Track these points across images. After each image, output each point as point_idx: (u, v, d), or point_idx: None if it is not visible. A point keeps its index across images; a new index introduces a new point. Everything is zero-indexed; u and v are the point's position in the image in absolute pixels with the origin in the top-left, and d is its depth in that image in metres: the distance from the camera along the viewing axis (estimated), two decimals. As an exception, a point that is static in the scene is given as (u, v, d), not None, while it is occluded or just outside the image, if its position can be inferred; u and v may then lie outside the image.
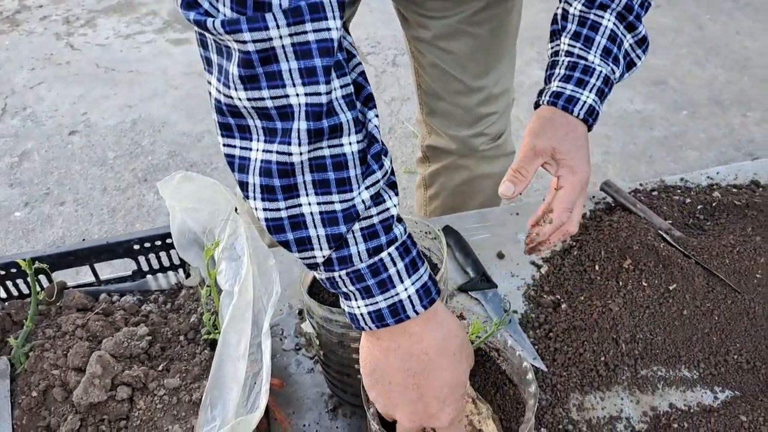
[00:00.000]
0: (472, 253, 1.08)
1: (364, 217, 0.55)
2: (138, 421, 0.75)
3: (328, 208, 0.54)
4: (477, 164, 1.39)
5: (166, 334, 0.84)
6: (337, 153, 0.53)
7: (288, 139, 0.51)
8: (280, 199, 0.53)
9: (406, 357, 0.58)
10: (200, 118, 2.71)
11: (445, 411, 0.60)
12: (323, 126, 0.52)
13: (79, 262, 0.89)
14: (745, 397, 0.85)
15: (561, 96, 0.82)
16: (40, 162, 2.54)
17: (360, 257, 0.55)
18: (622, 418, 0.85)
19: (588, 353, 0.91)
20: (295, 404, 0.91)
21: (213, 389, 0.68)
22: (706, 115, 2.44)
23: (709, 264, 0.95)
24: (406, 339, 0.58)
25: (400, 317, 0.57)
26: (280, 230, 0.55)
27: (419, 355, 0.58)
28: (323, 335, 0.77)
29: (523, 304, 1.01)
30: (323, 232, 0.54)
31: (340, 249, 0.55)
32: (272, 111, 0.51)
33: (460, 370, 0.61)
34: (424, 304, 0.57)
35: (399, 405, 0.60)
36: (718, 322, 0.91)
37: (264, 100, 0.51)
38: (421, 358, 0.58)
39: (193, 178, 0.83)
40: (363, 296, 0.57)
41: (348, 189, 0.53)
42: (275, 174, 0.52)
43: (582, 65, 0.82)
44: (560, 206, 0.80)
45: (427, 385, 0.59)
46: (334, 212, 0.54)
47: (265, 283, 0.77)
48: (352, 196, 0.54)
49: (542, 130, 0.80)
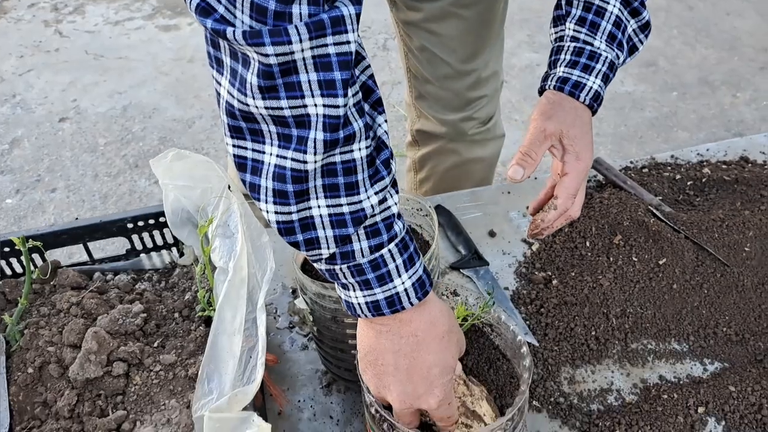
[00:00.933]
0: (463, 231, 1.09)
1: (370, 217, 0.57)
2: (134, 396, 0.75)
3: (337, 210, 0.56)
4: (467, 148, 1.39)
5: (161, 311, 0.85)
6: (347, 159, 0.55)
7: (304, 147, 0.53)
8: (292, 203, 0.55)
9: (395, 339, 0.61)
10: (190, 105, 2.70)
11: (433, 392, 0.62)
12: (339, 137, 0.53)
13: (73, 241, 0.89)
14: (734, 368, 0.87)
15: (568, 81, 0.81)
16: (30, 149, 2.52)
17: (362, 253, 0.58)
18: (612, 390, 0.87)
19: (579, 328, 0.92)
20: (290, 381, 0.91)
21: (209, 363, 0.69)
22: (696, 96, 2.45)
23: (698, 238, 0.96)
24: (396, 323, 0.61)
25: (396, 308, 0.60)
26: (291, 233, 0.57)
27: (408, 337, 0.61)
28: (317, 311, 0.77)
29: (515, 281, 1.02)
30: (331, 233, 0.57)
31: (344, 245, 0.58)
32: (289, 119, 0.53)
33: (449, 354, 0.63)
34: (419, 296, 0.60)
35: (389, 386, 0.62)
36: (708, 296, 0.92)
37: (282, 109, 0.52)
38: (410, 340, 0.61)
39: (185, 156, 0.83)
40: (362, 288, 0.59)
41: (356, 192, 0.56)
42: (289, 180, 0.54)
43: (588, 51, 0.81)
44: (565, 193, 0.80)
45: (415, 366, 0.61)
46: (343, 215, 0.56)
47: (259, 259, 0.78)
48: (360, 199, 0.56)
49: (552, 113, 0.80)
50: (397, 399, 0.62)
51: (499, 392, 0.71)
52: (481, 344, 0.74)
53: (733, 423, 0.80)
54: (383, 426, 0.65)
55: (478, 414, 0.66)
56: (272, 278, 1.04)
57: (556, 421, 0.84)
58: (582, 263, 0.99)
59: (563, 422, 0.83)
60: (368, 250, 0.58)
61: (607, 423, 0.82)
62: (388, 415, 0.62)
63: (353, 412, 0.87)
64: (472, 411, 0.66)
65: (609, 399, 0.86)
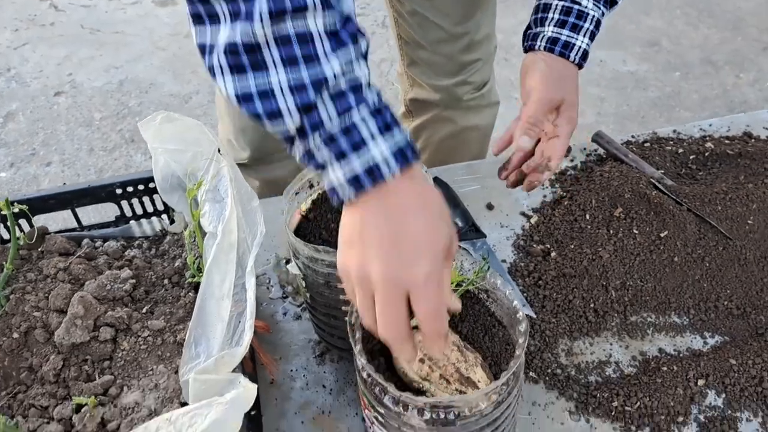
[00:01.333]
0: (461, 204, 1.07)
1: (333, 85, 0.56)
2: (122, 361, 0.74)
3: (296, 76, 0.55)
4: (462, 116, 1.37)
5: (150, 278, 0.83)
6: (301, 30, 0.55)
7: (251, 19, 0.53)
8: (248, 71, 0.55)
9: (380, 210, 0.58)
10: (187, 80, 2.66)
11: (421, 264, 0.56)
12: (285, 6, 0.54)
13: (60, 206, 0.86)
14: (735, 341, 0.85)
15: (557, 42, 0.83)
16: (25, 123, 2.49)
17: (330, 119, 0.56)
18: (611, 362, 0.85)
19: (577, 300, 0.90)
20: (282, 350, 0.90)
21: (197, 327, 0.67)
22: (699, 76, 2.42)
23: (701, 211, 0.94)
24: (381, 195, 0.57)
25: (377, 178, 0.56)
26: (249, 100, 0.56)
27: (395, 206, 0.58)
28: (309, 276, 0.76)
29: (513, 253, 1.00)
30: (292, 101, 0.56)
31: (310, 113, 0.56)
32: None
33: (439, 228, 0.58)
34: (401, 166, 0.57)
35: (373, 260, 0.57)
36: (709, 269, 0.90)
37: None
38: (396, 209, 0.57)
39: (175, 119, 0.81)
40: (338, 159, 0.57)
41: (316, 61, 0.55)
42: (241, 51, 0.55)
43: (576, 10, 0.83)
44: (558, 155, 0.85)
45: (402, 233, 0.57)
46: (302, 80, 0.55)
47: (249, 223, 0.76)
48: (321, 65, 0.55)
49: (556, 82, 0.83)
50: (381, 273, 0.56)
51: (495, 360, 0.69)
52: (476, 311, 0.72)
53: (733, 395, 0.79)
54: (375, 390, 0.63)
55: (472, 380, 0.65)
56: (266, 249, 1.03)
57: (553, 392, 0.82)
58: (581, 236, 0.97)
59: (560, 393, 0.82)
60: (336, 114, 0.56)
61: (605, 394, 0.80)
62: (380, 378, 0.60)
63: (346, 381, 0.85)
64: (467, 377, 0.65)
65: (607, 371, 0.84)
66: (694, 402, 0.79)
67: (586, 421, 0.80)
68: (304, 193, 0.81)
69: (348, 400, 0.83)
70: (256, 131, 1.24)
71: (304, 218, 0.80)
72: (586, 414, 0.80)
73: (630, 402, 0.79)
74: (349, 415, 0.82)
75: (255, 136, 1.25)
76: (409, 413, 0.61)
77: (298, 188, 0.80)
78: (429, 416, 0.61)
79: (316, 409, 0.83)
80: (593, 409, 0.80)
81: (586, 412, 0.80)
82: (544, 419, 0.80)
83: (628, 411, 0.79)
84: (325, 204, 0.81)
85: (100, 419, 0.68)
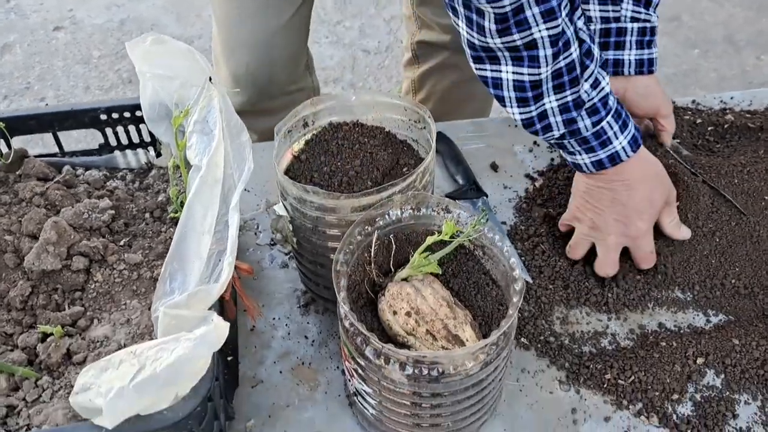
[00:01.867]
0: (463, 161, 1.02)
1: (588, 100, 0.73)
2: (94, 293, 0.70)
3: (563, 101, 0.73)
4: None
5: (131, 210, 0.79)
6: (569, 61, 0.71)
7: (537, 63, 0.70)
8: (531, 104, 0.73)
9: (614, 184, 0.79)
10: (191, 23, 2.58)
11: (642, 218, 0.80)
12: (560, 47, 0.69)
13: (40, 128, 0.82)
14: (740, 321, 0.81)
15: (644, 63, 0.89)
16: (22, 56, 2.42)
17: (586, 129, 0.75)
18: (607, 333, 0.82)
19: (577, 268, 0.86)
20: (266, 298, 0.86)
21: (173, 262, 0.63)
22: (719, 55, 2.34)
23: (716, 183, 0.89)
24: (613, 172, 0.78)
25: (615, 162, 0.77)
26: (532, 125, 0.75)
27: (623, 181, 0.78)
28: (297, 219, 0.71)
29: (514, 215, 0.96)
30: (560, 118, 0.74)
31: (571, 126, 0.75)
32: (520, 46, 0.69)
33: (656, 192, 0.80)
34: (634, 149, 0.77)
35: (607, 217, 0.80)
36: (719, 245, 0.86)
37: (515, 41, 0.68)
38: (624, 184, 0.78)
39: (165, 41, 0.75)
40: (587, 153, 0.77)
41: (576, 84, 0.72)
42: (528, 88, 0.72)
43: (649, 28, 0.88)
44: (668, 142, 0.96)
45: (628, 201, 0.79)
46: (567, 103, 0.73)
47: (237, 159, 0.71)
48: (578, 89, 0.73)
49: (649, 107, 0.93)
50: (613, 224, 0.80)
51: (486, 319, 0.65)
52: (470, 267, 0.68)
53: (733, 377, 0.75)
54: (356, 340, 0.59)
55: (460, 338, 0.61)
56: (256, 194, 0.98)
57: (544, 360, 0.79)
58: (587, 202, 0.92)
59: (551, 362, 0.79)
60: (591, 126, 0.74)
61: (598, 366, 0.77)
62: (363, 328, 0.57)
63: (330, 333, 0.81)
64: (455, 335, 0.61)
65: (602, 342, 0.81)
66: (691, 380, 0.76)
67: (576, 392, 0.76)
68: (297, 133, 0.76)
69: (330, 352, 0.80)
70: (250, 80, 1.20)
71: (296, 159, 0.76)
72: (577, 384, 0.77)
73: (624, 375, 0.76)
74: (329, 367, 0.78)
75: (249, 84, 1.20)
76: (390, 367, 0.58)
77: (290, 126, 0.75)
78: (411, 371, 0.58)
79: (297, 359, 0.79)
80: (584, 380, 0.76)
81: (577, 382, 0.77)
82: (533, 387, 0.77)
83: (621, 384, 0.75)
84: (319, 146, 0.76)
85: (65, 350, 0.64)
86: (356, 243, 0.65)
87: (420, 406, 0.62)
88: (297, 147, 0.76)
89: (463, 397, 0.62)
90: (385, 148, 0.76)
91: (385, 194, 0.67)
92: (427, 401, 0.62)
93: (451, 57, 1.30)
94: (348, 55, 2.42)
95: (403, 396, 0.61)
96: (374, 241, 0.65)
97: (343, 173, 0.74)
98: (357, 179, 0.73)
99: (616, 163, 0.77)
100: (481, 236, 0.66)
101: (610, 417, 0.74)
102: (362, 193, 0.66)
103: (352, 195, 0.66)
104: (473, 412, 0.66)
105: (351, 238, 0.64)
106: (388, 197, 0.67)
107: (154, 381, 0.48)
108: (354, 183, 0.73)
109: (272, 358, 0.80)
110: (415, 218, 0.68)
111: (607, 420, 0.74)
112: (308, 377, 0.78)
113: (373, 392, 0.63)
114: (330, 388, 0.77)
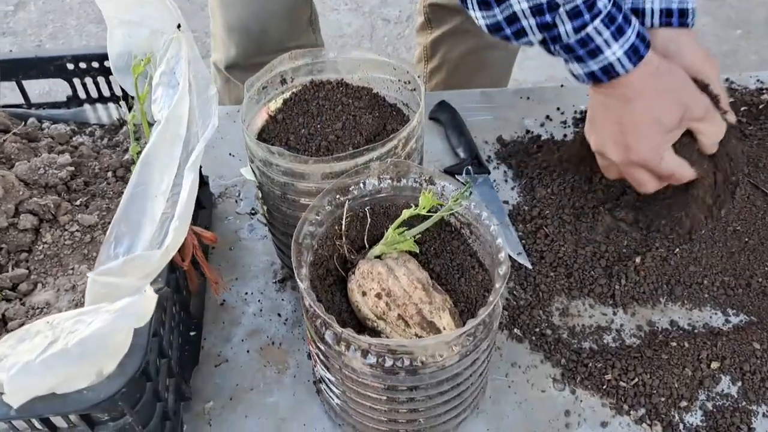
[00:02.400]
0: (466, 133, 0.93)
1: (567, 2, 0.62)
2: (41, 255, 0.64)
3: (535, 1, 0.62)
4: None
5: (94, 168, 0.72)
6: None
7: None
8: (494, 7, 0.64)
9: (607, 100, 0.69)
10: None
11: (641, 143, 0.68)
12: None
13: (4, 76, 0.76)
14: (762, 324, 0.72)
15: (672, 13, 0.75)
16: (36, 13, 2.38)
17: (567, 35, 0.64)
18: (611, 329, 0.73)
19: (583, 254, 0.78)
20: (240, 270, 0.79)
21: (120, 224, 0.56)
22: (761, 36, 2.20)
23: (754, 178, 0.79)
24: (616, 85, 0.68)
25: (611, 75, 0.66)
26: (499, 29, 0.66)
27: (616, 97, 0.68)
28: (265, 185, 0.64)
29: (517, 195, 0.87)
30: (534, 21, 0.64)
31: (549, 31, 0.65)
32: None
33: (663, 109, 0.68)
34: (633, 61, 0.65)
35: (606, 142, 0.71)
36: (749, 242, 0.76)
37: None
38: (618, 100, 0.68)
39: (134, -17, 0.68)
40: (577, 62, 0.67)
41: None
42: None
43: None
44: None
45: (623, 118, 0.68)
46: (540, 5, 0.63)
47: (203, 115, 0.64)
48: None
49: None
50: (612, 147, 0.70)
51: (468, 306, 0.57)
52: (454, 247, 0.60)
53: (751, 385, 0.67)
54: (316, 323, 0.52)
55: (436, 326, 0.53)
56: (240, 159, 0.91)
57: (538, 355, 0.71)
58: (600, 183, 0.84)
59: (546, 357, 0.71)
60: (572, 32, 0.64)
61: (598, 364, 0.69)
62: (321, 310, 0.49)
63: (303, 312, 0.75)
64: (430, 322, 0.53)
65: (605, 338, 0.72)
66: (703, 386, 0.67)
67: (572, 392, 0.68)
68: (273, 90, 0.68)
69: (303, 333, 0.73)
70: (244, 32, 1.12)
71: (272, 119, 0.68)
72: (573, 384, 0.69)
73: (626, 377, 0.68)
74: (301, 349, 0.72)
75: (242, 36, 1.13)
76: (351, 354, 0.50)
77: (265, 82, 0.67)
78: (374, 360, 0.50)
79: (266, 338, 0.73)
80: (582, 380, 0.68)
81: (573, 381, 0.69)
82: (523, 384, 0.69)
83: (623, 387, 0.67)
84: (298, 105, 0.69)
85: (1, 316, 0.58)
86: (325, 214, 0.58)
87: (388, 399, 0.55)
88: (273, 106, 0.69)
89: (435, 392, 0.55)
90: (370, 111, 0.68)
91: (362, 160, 0.59)
92: (394, 394, 0.55)
93: (465, 22, 1.20)
94: (367, 23, 2.33)
95: (367, 387, 0.54)
96: (345, 213, 0.57)
97: (323, 137, 0.66)
98: (337, 144, 0.66)
99: (612, 77, 0.66)
100: (466, 213, 0.58)
101: (608, 422, 0.66)
102: (334, 158, 0.59)
103: (322, 159, 0.59)
104: (448, 409, 0.58)
105: (319, 208, 0.57)
106: (365, 164, 0.59)
107: (64, 356, 0.42)
108: (334, 148, 0.66)
109: (240, 336, 0.73)
110: (395, 189, 0.60)
111: (604, 425, 0.66)
112: (277, 359, 0.71)
113: (336, 381, 0.56)
114: (299, 372, 0.70)
